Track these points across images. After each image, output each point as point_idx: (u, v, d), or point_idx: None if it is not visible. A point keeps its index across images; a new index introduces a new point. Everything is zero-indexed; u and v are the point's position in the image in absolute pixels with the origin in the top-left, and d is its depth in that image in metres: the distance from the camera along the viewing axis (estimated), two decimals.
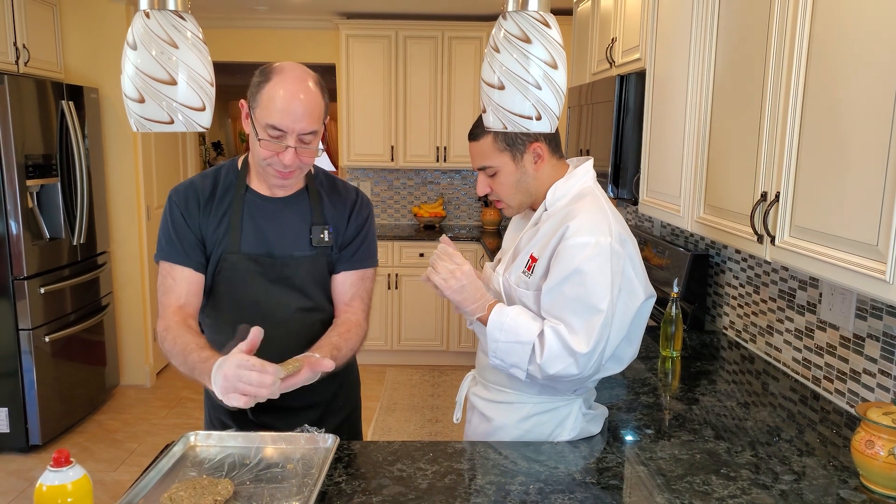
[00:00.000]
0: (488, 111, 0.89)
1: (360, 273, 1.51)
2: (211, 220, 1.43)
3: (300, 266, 1.45)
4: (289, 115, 1.29)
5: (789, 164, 1.37)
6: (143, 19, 0.85)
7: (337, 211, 1.50)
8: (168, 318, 1.37)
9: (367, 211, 1.54)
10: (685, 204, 1.93)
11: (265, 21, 4.74)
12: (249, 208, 1.44)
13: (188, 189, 1.45)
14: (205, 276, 1.44)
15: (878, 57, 1.09)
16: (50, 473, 0.96)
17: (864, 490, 1.23)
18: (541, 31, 0.85)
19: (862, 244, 1.14)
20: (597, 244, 1.29)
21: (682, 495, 1.21)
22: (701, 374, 1.91)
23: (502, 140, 1.38)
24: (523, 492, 1.22)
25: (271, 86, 1.30)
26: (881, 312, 1.53)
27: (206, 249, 1.43)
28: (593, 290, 1.28)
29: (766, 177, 1.46)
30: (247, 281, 1.43)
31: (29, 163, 3.24)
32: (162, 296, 1.42)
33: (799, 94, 1.34)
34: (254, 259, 1.43)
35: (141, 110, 0.84)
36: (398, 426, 3.67)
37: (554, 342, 1.29)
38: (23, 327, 3.25)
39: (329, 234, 1.46)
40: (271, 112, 1.29)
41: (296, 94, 1.30)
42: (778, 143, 1.41)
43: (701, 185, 1.83)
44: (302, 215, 1.47)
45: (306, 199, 1.48)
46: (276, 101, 1.29)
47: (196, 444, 1.34)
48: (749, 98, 1.55)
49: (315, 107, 1.32)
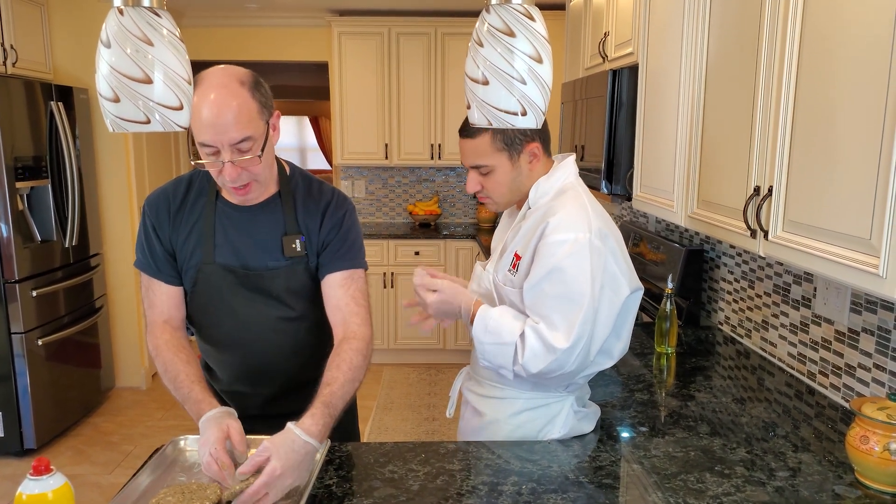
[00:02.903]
0: (473, 107, 0.87)
1: (346, 273, 1.40)
2: (182, 228, 1.40)
3: (276, 277, 1.40)
4: (213, 129, 1.20)
5: (782, 159, 1.35)
6: (116, 16, 0.83)
7: (310, 216, 1.41)
8: (157, 337, 1.38)
9: (344, 210, 1.44)
10: (678, 199, 1.91)
11: (256, 19, 4.71)
12: (220, 218, 1.40)
13: (159, 198, 1.42)
14: (182, 287, 1.43)
15: (868, 52, 1.08)
16: (30, 482, 0.95)
17: (859, 486, 1.22)
18: (525, 25, 0.83)
19: (854, 238, 1.13)
20: (575, 241, 1.28)
21: (677, 494, 1.20)
22: (696, 370, 1.90)
23: (500, 140, 1.36)
24: (516, 492, 1.20)
25: (195, 100, 1.20)
26: (875, 307, 1.52)
27: (178, 260, 1.41)
28: (573, 287, 1.28)
29: (759, 171, 1.44)
30: (224, 291, 1.40)
31: (18, 165, 3.21)
32: (147, 309, 1.43)
33: (791, 88, 1.32)
34: (230, 270, 1.39)
35: (116, 110, 0.82)
36: (395, 425, 3.66)
37: (534, 341, 1.29)
38: (15, 331, 3.22)
39: (301, 243, 1.39)
40: (198, 129, 1.22)
41: (215, 103, 1.20)
42: (770, 137, 1.39)
43: (694, 180, 1.82)
44: (274, 224, 1.40)
45: (279, 205, 1.41)
46: (199, 117, 1.20)
47: (185, 448, 1.33)
48: (741, 92, 1.53)
49: (241, 111, 1.22)
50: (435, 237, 4.52)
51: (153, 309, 1.41)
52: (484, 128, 1.35)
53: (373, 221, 5.05)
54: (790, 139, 1.33)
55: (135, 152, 4.07)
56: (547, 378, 1.34)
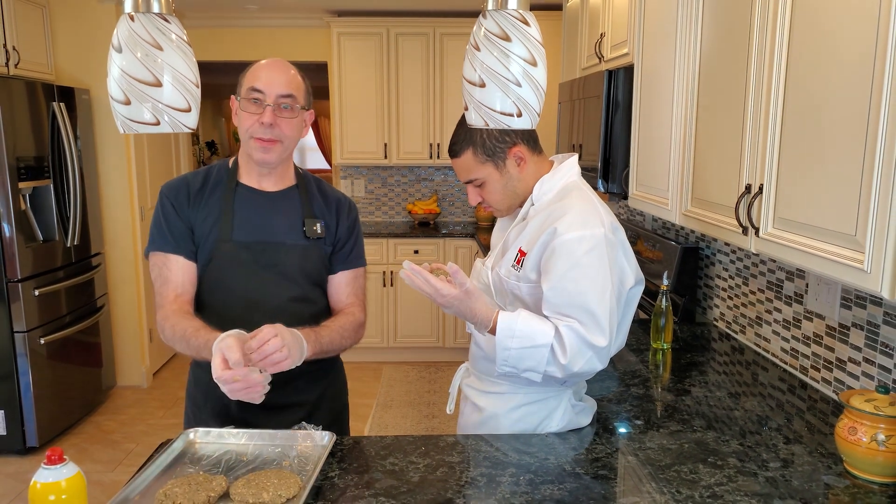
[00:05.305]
0: (470, 109, 0.90)
1: (354, 272, 1.58)
2: (201, 210, 1.47)
3: (291, 254, 1.48)
4: (266, 77, 1.40)
5: (772, 157, 1.38)
6: (127, 22, 0.86)
7: (328, 209, 1.55)
8: (166, 308, 1.42)
9: (355, 213, 1.61)
10: (673, 197, 1.95)
11: (257, 20, 4.73)
12: (240, 201, 1.49)
13: (179, 183, 1.51)
14: (196, 265, 1.47)
15: (854, 53, 1.11)
16: (44, 471, 0.98)
17: (848, 476, 1.26)
18: (520, 30, 0.86)
19: (841, 234, 1.16)
20: (592, 236, 1.32)
21: (670, 484, 1.23)
22: (691, 365, 1.93)
23: (482, 153, 1.41)
24: (514, 483, 1.24)
25: (253, 66, 1.44)
26: (865, 302, 1.56)
27: (196, 239, 1.47)
28: (596, 282, 1.31)
29: (750, 169, 1.48)
30: (238, 269, 1.46)
31: (21, 165, 3.24)
32: (159, 287, 1.46)
33: (780, 89, 1.35)
34: (245, 246, 1.46)
35: (127, 112, 0.86)
36: (395, 422, 3.69)
37: (573, 340, 1.30)
38: (18, 330, 3.25)
39: (321, 227, 1.51)
40: (251, 78, 1.41)
41: (274, 63, 1.43)
42: (761, 136, 1.43)
43: (688, 178, 1.85)
44: (294, 209, 1.52)
45: (297, 194, 1.53)
46: (256, 70, 1.42)
47: (195, 440, 1.36)
48: (732, 92, 1.56)
49: (293, 77, 1.43)
50: (434, 236, 4.55)
51: (167, 285, 1.44)
52: (466, 145, 1.41)
53: (372, 220, 5.08)
54: (780, 139, 1.36)
55: (136, 153, 4.10)
56: (580, 376, 1.36)
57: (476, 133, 1.40)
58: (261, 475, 1.19)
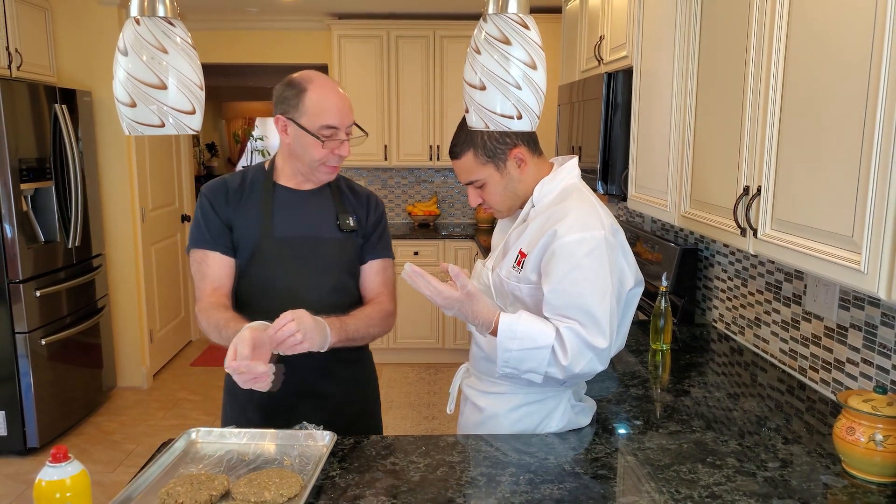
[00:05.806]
0: (471, 111, 0.92)
1: (383, 262, 1.66)
2: (240, 209, 1.55)
3: (329, 247, 1.57)
4: (340, 113, 1.50)
5: (770, 159, 1.40)
6: (133, 26, 0.87)
7: (359, 204, 1.65)
8: (204, 301, 1.50)
9: (382, 207, 1.71)
10: (671, 199, 1.96)
11: (257, 22, 4.75)
12: (279, 199, 1.57)
13: (218, 184, 1.59)
14: (234, 260, 1.54)
15: (851, 56, 1.12)
16: (49, 469, 0.99)
17: (846, 476, 1.27)
18: (520, 33, 0.87)
19: (838, 235, 1.17)
20: (592, 238, 1.32)
21: (669, 484, 1.24)
22: (690, 366, 1.94)
23: (483, 154, 1.42)
24: (514, 482, 1.24)
25: (314, 94, 1.49)
26: (863, 303, 1.57)
27: (235, 237, 1.53)
28: (596, 284, 1.31)
29: (749, 171, 1.49)
30: (280, 263, 1.53)
31: (23, 166, 3.25)
32: (198, 281, 1.53)
33: (778, 92, 1.36)
34: (286, 241, 1.54)
35: (133, 114, 0.87)
36: (395, 423, 3.70)
37: (574, 341, 1.30)
38: (19, 330, 3.26)
39: (354, 220, 1.61)
40: (325, 114, 1.48)
41: (339, 94, 1.52)
42: (759, 138, 1.44)
43: (686, 180, 1.86)
44: (327, 205, 1.61)
45: (328, 192, 1.63)
46: (328, 104, 1.49)
47: (197, 440, 1.37)
48: (731, 94, 1.58)
49: (349, 101, 1.56)
50: (434, 237, 4.56)
51: (205, 280, 1.52)
52: (466, 146, 1.42)
53: None
54: (777, 140, 1.37)
55: (137, 155, 4.11)
56: (581, 377, 1.37)
57: (477, 135, 1.41)
58: (262, 474, 1.20)
